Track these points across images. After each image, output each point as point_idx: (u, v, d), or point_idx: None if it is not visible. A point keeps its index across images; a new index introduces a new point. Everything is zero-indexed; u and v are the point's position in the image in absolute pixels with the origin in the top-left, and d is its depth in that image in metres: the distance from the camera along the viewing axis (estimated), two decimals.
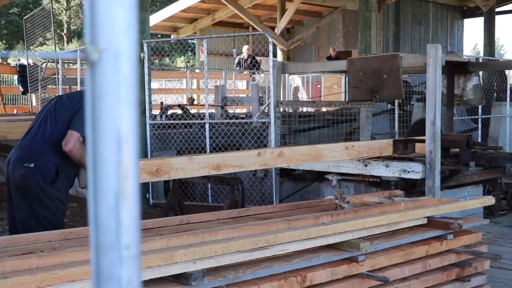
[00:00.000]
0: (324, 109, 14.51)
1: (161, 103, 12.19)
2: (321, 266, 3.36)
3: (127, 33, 0.76)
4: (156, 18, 21.38)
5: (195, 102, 14.77)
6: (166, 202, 6.98)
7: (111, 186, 0.71)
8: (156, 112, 11.32)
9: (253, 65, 16.14)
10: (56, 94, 8.33)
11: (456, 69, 8.21)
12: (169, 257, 2.80)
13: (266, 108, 8.20)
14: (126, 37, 0.76)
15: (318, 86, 17.69)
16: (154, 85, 16.06)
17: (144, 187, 8.66)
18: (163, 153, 8.82)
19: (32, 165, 4.12)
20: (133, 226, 0.69)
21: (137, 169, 0.70)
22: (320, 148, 5.48)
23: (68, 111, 4.27)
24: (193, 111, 13.36)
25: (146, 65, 8.60)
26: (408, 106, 13.75)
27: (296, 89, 17.82)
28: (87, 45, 0.75)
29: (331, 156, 5.78)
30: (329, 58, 18.86)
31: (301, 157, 5.45)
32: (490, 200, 4.75)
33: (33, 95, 14.71)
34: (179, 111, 11.09)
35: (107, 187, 0.71)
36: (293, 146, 6.38)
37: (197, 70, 17.97)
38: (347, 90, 8.21)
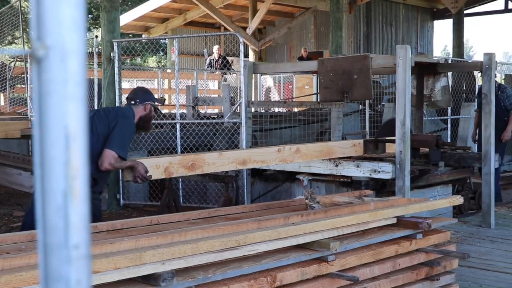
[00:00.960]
0: (295, 109, 14.55)
1: None
2: (291, 266, 3.36)
3: (74, 30, 0.74)
4: (127, 18, 21.21)
5: (166, 102, 14.69)
6: (162, 199, 7.00)
7: (59, 185, 0.68)
8: None
9: (224, 65, 16.11)
10: (25, 94, 8.16)
11: (425, 70, 8.29)
12: (138, 257, 2.77)
13: (238, 108, 8.19)
14: (73, 34, 0.74)
15: (290, 86, 17.72)
16: (126, 85, 15.94)
17: (115, 188, 8.58)
18: (133, 154, 8.75)
19: None
20: (82, 226, 0.67)
21: (86, 168, 0.68)
22: (331, 145, 6.11)
23: (104, 125, 4.64)
24: (164, 111, 13.28)
25: (116, 64, 8.52)
26: (379, 107, 13.87)
27: (268, 90, 17.84)
28: (33, 41, 0.73)
29: (341, 153, 6.26)
30: (301, 58, 18.91)
31: (315, 153, 6.13)
32: (458, 200, 4.80)
33: (1, 95, 14.49)
34: None
35: (55, 186, 0.68)
36: (308, 144, 6.62)
37: (168, 70, 17.89)
38: (318, 90, 8.24)
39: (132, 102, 5.00)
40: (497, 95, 9.00)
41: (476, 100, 10.35)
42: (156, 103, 5.13)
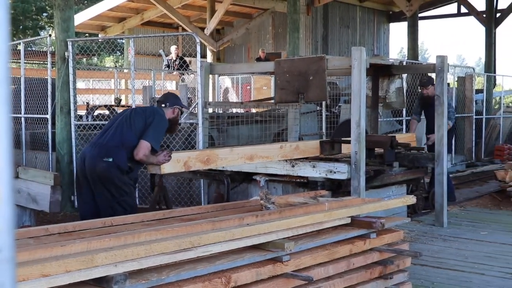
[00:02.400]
0: (254, 110, 14.57)
1: (87, 103, 11.95)
2: (246, 266, 3.36)
3: None
4: (83, 17, 20.91)
5: (123, 103, 14.54)
6: (153, 196, 6.98)
7: None
8: (82, 112, 11.08)
9: (180, 65, 16.02)
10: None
11: (380, 71, 8.41)
12: (90, 260, 2.74)
13: (195, 109, 8.15)
14: None
15: (248, 87, 17.74)
16: (81, 84, 15.71)
17: (69, 190, 8.45)
18: None
19: (111, 160, 5.01)
20: (5, 229, 0.64)
21: (10, 170, 0.66)
22: None
23: (141, 121, 5.17)
24: (120, 111, 13.13)
25: (70, 64, 8.39)
26: (336, 108, 13.99)
27: (226, 90, 17.82)
28: None
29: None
30: (259, 59, 18.94)
31: (312, 150, 6.83)
32: (411, 199, 4.88)
33: None
34: (106, 112, 10.90)
35: None
36: (306, 141, 6.92)
37: (125, 70, 17.68)
38: (275, 91, 8.26)
39: (163, 105, 5.52)
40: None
41: (415, 106, 10.06)
42: (183, 108, 5.71)
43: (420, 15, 22.66)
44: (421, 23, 22.37)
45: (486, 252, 6.31)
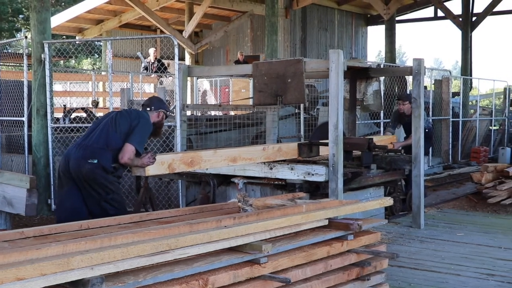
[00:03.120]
0: (232, 113, 14.57)
1: (64, 106, 11.86)
2: (224, 269, 3.36)
3: None
4: (60, 19, 20.73)
5: (101, 105, 14.46)
6: (139, 197, 7.01)
7: None
8: (59, 115, 10.99)
9: (158, 68, 15.96)
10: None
11: (358, 74, 8.45)
12: (65, 263, 2.71)
13: (173, 111, 8.13)
14: None
15: (227, 90, 17.74)
16: (57, 87, 15.59)
17: (46, 193, 8.38)
18: None
19: (95, 161, 5.12)
20: None
21: None
22: None
23: (126, 123, 5.26)
24: (99, 114, 13.06)
25: (47, 66, 8.32)
26: (315, 110, 14.04)
27: (205, 93, 17.80)
28: None
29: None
30: (237, 62, 18.96)
31: (294, 151, 6.90)
32: (388, 201, 4.91)
33: None
34: (84, 114, 10.82)
35: None
36: (288, 143, 6.97)
37: (103, 73, 17.59)
38: (253, 94, 8.27)
39: (148, 108, 5.59)
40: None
41: (391, 120, 9.91)
42: (168, 112, 5.77)
43: (397, 18, 22.84)
44: (398, 26, 22.54)
45: (462, 253, 6.37)
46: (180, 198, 7.74)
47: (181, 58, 20.34)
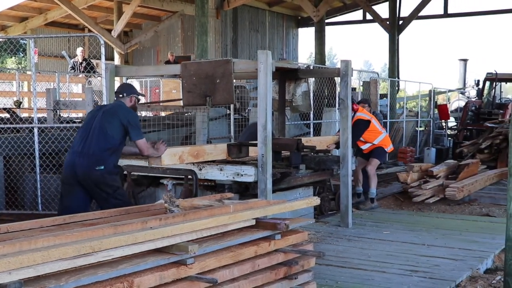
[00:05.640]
0: (163, 114, 14.44)
1: None
2: (149, 270, 3.31)
3: None
4: None
5: (25, 105, 14.03)
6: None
7: None
8: None
9: (84, 67, 15.63)
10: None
11: (287, 75, 8.52)
12: None
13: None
14: None
15: (157, 90, 17.58)
16: None
17: None
18: None
19: (102, 168, 5.57)
20: None
21: None
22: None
23: (117, 123, 5.68)
24: (24, 115, 12.67)
25: None
26: (246, 111, 14.09)
27: None
28: None
29: None
30: (168, 62, 18.80)
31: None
32: (315, 201, 4.97)
33: None
34: (7, 115, 10.48)
35: None
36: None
37: (28, 72, 17.07)
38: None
39: (120, 95, 5.98)
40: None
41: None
42: (139, 96, 6.17)
43: (327, 21, 23.21)
44: (329, 29, 22.94)
45: (388, 251, 6.52)
46: None
47: (110, 58, 19.99)
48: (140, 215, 4.27)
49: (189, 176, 6.41)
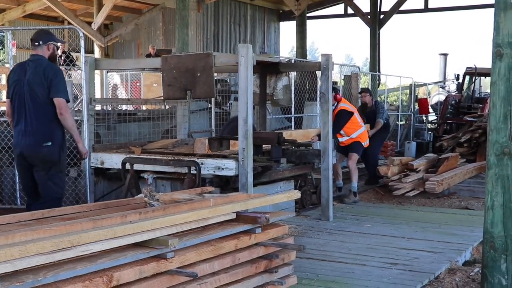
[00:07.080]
0: (144, 107, 14.36)
1: None
2: (129, 265, 3.29)
3: None
4: None
5: (3, 99, 13.86)
6: (126, 182, 7.05)
7: None
8: None
9: (64, 60, 15.48)
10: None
11: (268, 69, 8.52)
12: None
13: (80, 105, 7.91)
14: None
15: (138, 84, 17.47)
16: None
17: None
18: None
19: (50, 143, 5.39)
20: None
21: None
22: None
23: (40, 84, 5.37)
24: (1, 108, 12.51)
25: None
26: (227, 105, 14.07)
27: (115, 87, 17.45)
28: None
29: None
30: (149, 56, 18.70)
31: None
32: (296, 194, 4.97)
33: None
34: None
35: None
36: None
37: (6, 65, 16.87)
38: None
39: (36, 43, 5.59)
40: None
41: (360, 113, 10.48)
42: (58, 42, 5.80)
43: (308, 14, 23.22)
44: (311, 22, 22.95)
45: (368, 244, 6.56)
46: (88, 194, 7.55)
47: (90, 51, 19.82)
48: (119, 209, 4.24)
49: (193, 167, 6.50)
